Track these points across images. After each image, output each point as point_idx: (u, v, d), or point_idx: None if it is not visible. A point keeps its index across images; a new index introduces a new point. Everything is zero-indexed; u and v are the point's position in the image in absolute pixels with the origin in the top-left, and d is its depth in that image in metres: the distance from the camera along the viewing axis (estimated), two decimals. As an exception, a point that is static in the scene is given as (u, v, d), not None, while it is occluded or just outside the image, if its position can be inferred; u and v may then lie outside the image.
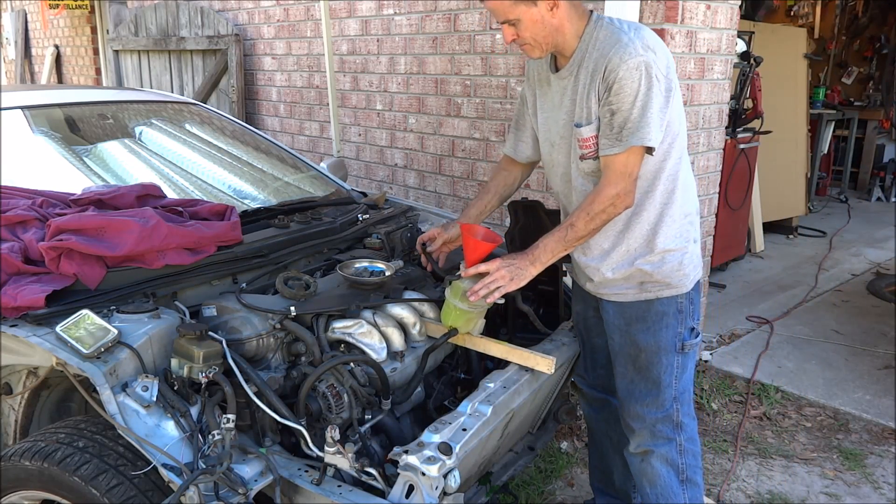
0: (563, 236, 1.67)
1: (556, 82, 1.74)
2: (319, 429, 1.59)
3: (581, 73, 1.65)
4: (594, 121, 1.63)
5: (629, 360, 1.81)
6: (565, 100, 1.71)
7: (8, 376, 1.72)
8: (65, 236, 1.65)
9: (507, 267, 1.66)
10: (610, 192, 1.61)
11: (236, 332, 1.65)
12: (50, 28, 7.51)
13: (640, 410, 1.83)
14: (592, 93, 1.62)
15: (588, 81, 1.63)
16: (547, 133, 1.80)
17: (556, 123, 1.75)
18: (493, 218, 3.39)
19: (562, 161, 1.77)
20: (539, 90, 1.83)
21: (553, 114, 1.77)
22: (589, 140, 1.65)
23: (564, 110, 1.72)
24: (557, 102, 1.74)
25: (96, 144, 2.51)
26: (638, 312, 1.76)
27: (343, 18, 4.01)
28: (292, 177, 2.81)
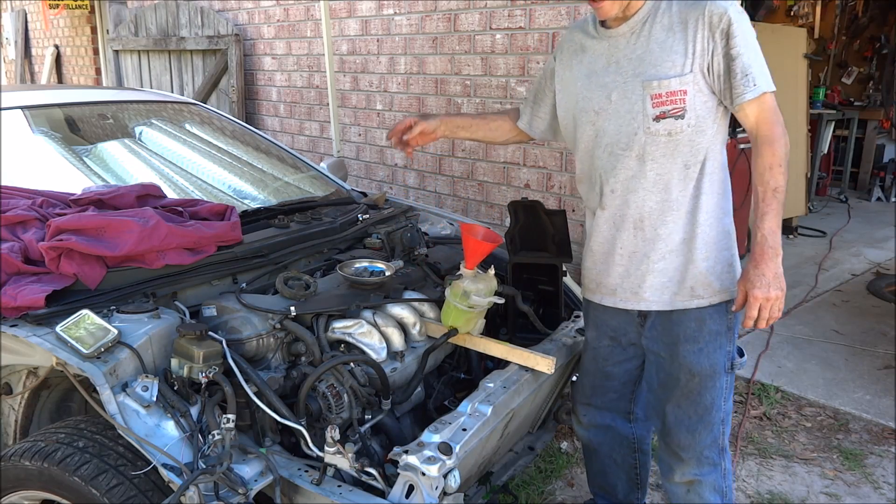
0: (776, 205, 1.49)
1: (604, 43, 1.61)
2: (319, 429, 1.59)
3: (655, 27, 1.54)
4: (687, 72, 1.50)
5: (677, 386, 1.67)
6: (625, 58, 1.57)
7: (8, 376, 1.72)
8: (65, 236, 1.65)
9: (760, 287, 1.50)
10: (779, 131, 1.49)
11: (236, 332, 1.65)
12: (50, 28, 7.51)
13: (689, 440, 1.71)
14: (681, 43, 1.50)
15: (673, 32, 1.51)
16: (585, 101, 1.64)
17: (604, 88, 1.60)
18: (493, 217, 3.39)
19: (611, 129, 1.59)
20: (574, 59, 1.69)
21: (599, 78, 1.62)
22: (676, 94, 1.50)
23: (622, 70, 1.57)
24: (604, 65, 1.61)
25: (96, 144, 2.51)
26: (689, 331, 1.62)
27: (343, 18, 4.01)
28: (292, 177, 2.81)
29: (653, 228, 1.60)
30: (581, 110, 1.66)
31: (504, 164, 3.29)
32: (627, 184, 1.60)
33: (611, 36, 1.60)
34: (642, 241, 1.62)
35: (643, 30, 1.56)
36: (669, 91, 1.51)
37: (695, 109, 1.51)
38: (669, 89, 1.51)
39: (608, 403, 1.92)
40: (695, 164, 1.57)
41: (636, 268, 1.64)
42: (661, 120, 1.52)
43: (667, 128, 1.53)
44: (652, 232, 1.61)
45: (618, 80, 1.58)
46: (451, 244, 2.36)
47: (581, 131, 1.68)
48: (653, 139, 1.55)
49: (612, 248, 1.67)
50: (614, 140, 1.60)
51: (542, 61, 3.04)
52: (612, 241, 1.67)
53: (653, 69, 1.53)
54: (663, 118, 1.52)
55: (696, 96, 1.51)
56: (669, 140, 1.54)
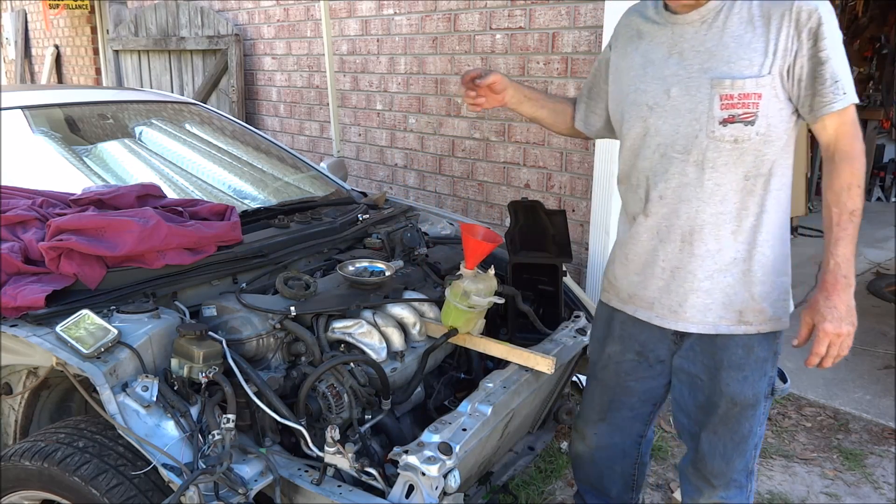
0: (853, 230, 1.35)
1: (667, 30, 1.44)
2: (319, 429, 1.59)
3: (732, 19, 1.36)
4: (765, 74, 1.32)
5: (716, 413, 1.54)
6: (692, 49, 1.40)
7: (8, 376, 1.72)
8: (65, 236, 1.65)
9: (831, 321, 1.37)
10: (859, 147, 1.35)
11: (236, 332, 1.65)
12: (50, 28, 7.51)
13: (723, 467, 1.60)
14: (761, 41, 1.33)
15: (752, 27, 1.34)
16: (638, 94, 1.47)
17: (662, 81, 1.43)
18: (493, 218, 3.40)
19: (666, 128, 1.43)
20: (630, 46, 1.52)
21: (656, 69, 1.44)
22: (749, 98, 1.33)
23: (686, 63, 1.40)
24: (664, 55, 1.43)
25: (96, 144, 2.51)
26: (734, 358, 1.48)
27: (343, 18, 4.01)
28: (292, 177, 2.81)
29: (702, 243, 1.44)
30: (631, 104, 1.49)
31: (504, 164, 3.29)
32: (680, 191, 1.43)
33: (676, 23, 1.42)
34: (689, 256, 1.46)
35: (717, 20, 1.38)
36: (743, 93, 1.34)
37: (767, 116, 1.35)
38: (743, 91, 1.34)
39: (622, 422, 1.76)
40: (758, 176, 1.40)
41: (679, 285, 1.48)
42: (729, 124, 1.35)
43: (733, 133, 1.36)
44: (701, 247, 1.44)
45: (680, 73, 1.41)
46: (451, 244, 2.36)
47: (628, 127, 1.51)
48: (715, 145, 1.38)
49: (652, 259, 1.51)
50: (669, 141, 1.43)
51: (542, 61, 3.05)
52: (653, 252, 1.51)
53: (725, 66, 1.35)
54: (731, 122, 1.35)
55: (771, 102, 1.34)
56: (734, 147, 1.37)
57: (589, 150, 2.91)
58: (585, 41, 2.87)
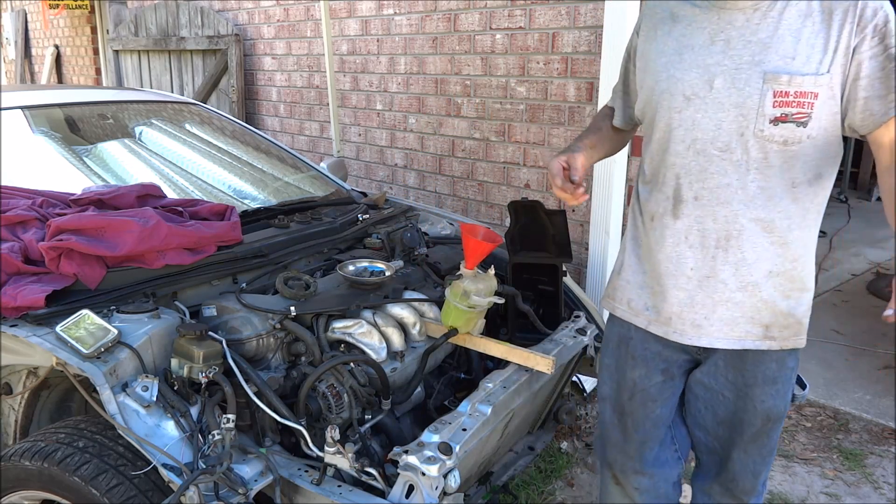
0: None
1: (711, 15, 1.30)
2: (319, 429, 1.59)
3: (790, 10, 1.24)
4: (824, 72, 1.20)
5: (748, 431, 1.45)
6: (740, 38, 1.27)
7: (8, 376, 1.72)
8: (65, 236, 1.65)
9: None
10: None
11: (236, 332, 1.65)
12: (50, 28, 7.51)
13: (752, 484, 1.52)
14: (822, 36, 1.21)
15: (812, 21, 1.22)
16: (671, 82, 1.33)
17: (703, 69, 1.29)
18: (493, 218, 3.40)
19: (707, 123, 1.29)
20: (660, 29, 1.38)
21: (696, 56, 1.30)
22: (806, 96, 1.21)
23: (734, 52, 1.27)
24: (706, 41, 1.30)
25: (96, 144, 2.51)
26: (769, 373, 1.39)
27: (343, 18, 4.01)
28: (292, 177, 2.81)
29: (739, 251, 1.32)
30: (663, 93, 1.35)
31: (504, 164, 3.29)
32: (719, 193, 1.31)
33: (724, 7, 1.29)
34: (723, 264, 1.33)
35: (773, 9, 1.25)
36: (800, 91, 1.22)
37: (820, 119, 1.24)
38: (800, 89, 1.22)
39: (661, 465, 1.59)
40: (804, 183, 1.29)
41: (707, 295, 1.35)
42: (780, 123, 1.23)
43: (784, 134, 1.24)
44: (737, 255, 1.32)
45: (726, 63, 1.27)
46: (451, 244, 2.36)
47: (659, 118, 1.36)
48: (762, 145, 1.26)
49: (678, 267, 1.37)
50: (710, 137, 1.29)
51: (542, 61, 3.05)
52: (679, 259, 1.37)
53: (781, 60, 1.23)
54: (783, 122, 1.23)
55: (827, 104, 1.23)
56: (783, 150, 1.25)
57: (589, 150, 2.91)
58: (585, 41, 2.87)
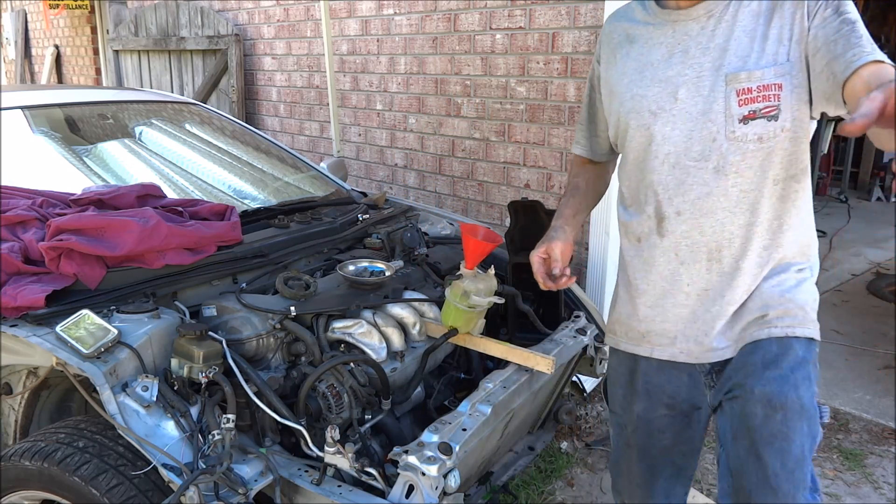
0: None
1: (665, 28, 1.30)
2: (319, 429, 1.59)
3: (743, 12, 1.23)
4: (783, 61, 1.18)
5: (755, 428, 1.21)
6: (698, 46, 1.25)
7: (8, 376, 1.72)
8: (65, 236, 1.65)
9: None
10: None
11: (236, 332, 1.65)
12: (50, 28, 7.51)
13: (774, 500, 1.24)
14: (776, 29, 1.20)
15: (765, 19, 1.21)
16: (636, 101, 1.31)
17: (665, 83, 1.28)
18: (493, 218, 3.39)
19: (677, 135, 1.26)
20: (618, 52, 1.37)
21: (657, 71, 1.29)
22: (770, 89, 1.19)
23: (693, 61, 1.26)
24: (664, 55, 1.29)
25: (96, 144, 2.51)
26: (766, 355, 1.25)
27: (343, 18, 4.01)
28: (292, 177, 2.81)
29: (733, 259, 1.27)
30: (630, 112, 1.32)
31: (504, 164, 3.29)
32: (701, 204, 1.27)
33: (677, 20, 1.28)
34: (718, 275, 1.28)
35: (726, 14, 1.24)
36: (763, 84, 1.19)
37: (790, 109, 1.20)
38: (763, 82, 1.19)
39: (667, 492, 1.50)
40: (787, 179, 1.26)
41: (706, 310, 1.30)
42: (750, 121, 1.21)
43: (757, 131, 1.21)
44: (732, 264, 1.28)
45: (687, 73, 1.26)
46: (451, 244, 2.36)
47: (630, 138, 1.34)
48: (737, 146, 1.22)
49: (673, 285, 1.32)
50: (682, 148, 1.26)
51: (542, 61, 3.05)
52: (674, 276, 1.32)
53: (739, 60, 1.21)
54: (752, 119, 1.21)
55: (793, 92, 1.19)
56: (759, 147, 1.22)
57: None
58: (585, 41, 2.87)
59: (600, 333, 2.18)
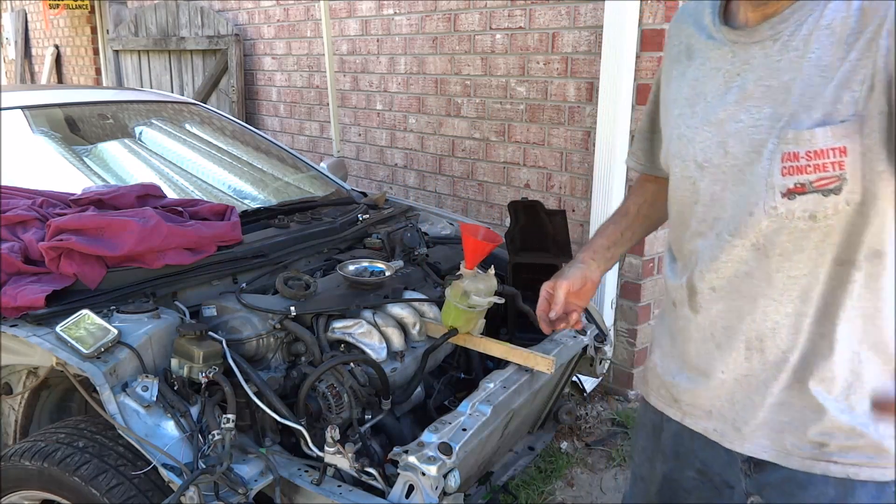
0: None
1: (725, 50, 0.99)
2: (319, 429, 1.59)
3: (818, 35, 0.88)
4: (850, 116, 0.86)
5: None
6: (758, 81, 0.94)
7: (8, 376, 1.72)
8: (65, 236, 1.65)
9: None
10: None
11: (236, 332, 1.65)
12: (50, 28, 7.51)
13: None
14: (848, 65, 0.86)
15: (844, 45, 0.86)
16: (683, 144, 1.04)
17: (717, 127, 0.99)
18: (493, 218, 3.40)
19: (728, 199, 0.98)
20: (676, 67, 1.09)
21: (710, 107, 1.00)
22: (825, 155, 0.87)
23: (750, 100, 0.95)
24: (721, 86, 0.99)
25: (96, 144, 2.51)
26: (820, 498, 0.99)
27: (343, 18, 4.01)
28: (292, 177, 2.81)
29: (779, 350, 0.99)
30: (675, 157, 1.06)
31: (504, 164, 3.29)
32: (738, 284, 1.00)
33: (738, 41, 0.97)
34: (760, 364, 1.01)
35: (796, 36, 0.91)
36: (813, 151, 0.87)
37: (860, 178, 0.87)
38: (813, 147, 0.87)
39: None
40: (858, 260, 0.92)
41: (746, 396, 1.04)
42: (798, 196, 0.89)
43: (807, 208, 0.89)
44: (777, 354, 1.00)
45: (742, 118, 0.95)
46: (451, 244, 2.36)
47: (674, 188, 1.09)
48: (781, 224, 0.92)
49: (709, 366, 1.08)
50: (726, 215, 0.98)
51: (542, 61, 3.04)
52: (708, 357, 1.07)
53: (796, 108, 0.90)
54: (800, 193, 0.89)
55: (865, 157, 0.86)
56: (812, 227, 0.91)
57: (589, 150, 2.91)
58: (585, 41, 2.87)
59: (600, 333, 2.18)
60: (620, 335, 2.93)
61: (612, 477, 2.48)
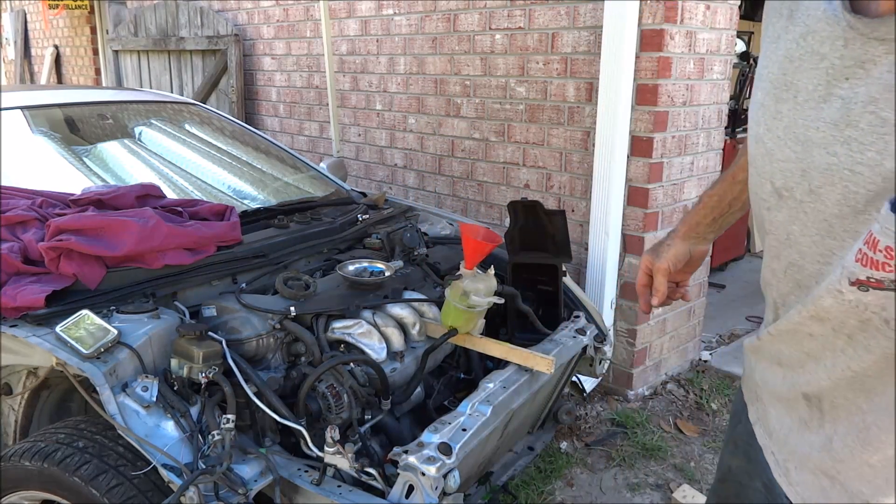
0: None
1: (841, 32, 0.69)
2: (319, 429, 1.59)
3: None
4: None
5: None
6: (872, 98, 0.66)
7: (8, 376, 1.72)
8: (64, 236, 1.65)
9: None
10: None
11: (236, 333, 1.65)
12: (49, 28, 7.51)
13: None
14: None
15: None
16: (764, 161, 0.81)
17: (806, 149, 0.74)
18: (493, 218, 3.40)
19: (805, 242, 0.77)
20: (774, 25, 0.81)
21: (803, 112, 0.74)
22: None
23: (859, 125, 0.68)
24: (823, 84, 0.71)
25: (96, 144, 2.51)
26: None
27: (342, 19, 4.01)
28: (292, 177, 2.81)
29: (835, 411, 0.81)
30: (752, 161, 0.85)
31: (504, 164, 3.29)
32: (803, 342, 0.81)
33: (858, 28, 0.67)
34: (819, 424, 0.84)
35: None
36: (892, 247, 0.62)
37: None
38: (892, 242, 0.62)
39: None
40: None
41: (797, 444, 0.88)
42: (872, 290, 0.66)
43: (878, 303, 0.67)
44: (838, 414, 0.81)
45: (837, 150, 0.70)
46: (450, 244, 2.36)
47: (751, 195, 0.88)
48: (852, 312, 0.70)
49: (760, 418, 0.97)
50: (803, 263, 0.78)
51: (541, 61, 3.05)
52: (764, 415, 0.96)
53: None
54: (875, 287, 0.66)
55: None
56: (886, 325, 0.68)
57: (588, 150, 2.91)
58: (585, 41, 2.87)
59: (600, 333, 2.18)
60: (620, 335, 2.93)
61: (611, 477, 2.48)
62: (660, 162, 2.77)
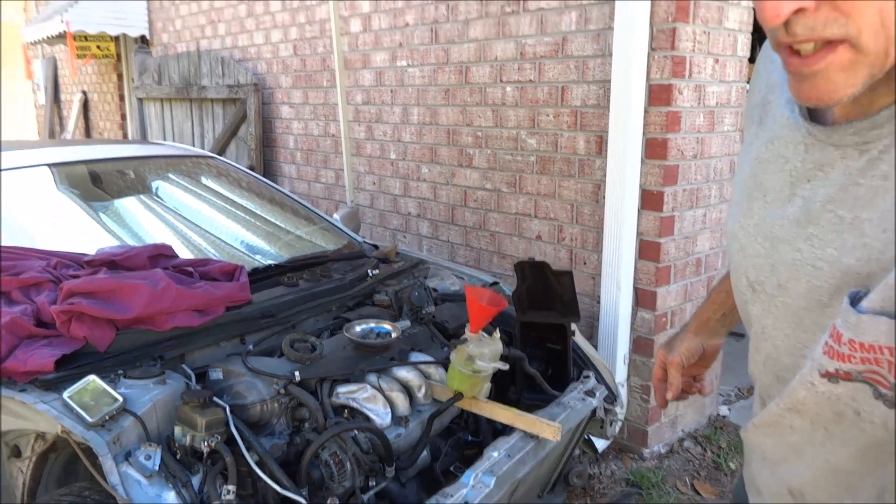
0: None
1: (800, 137, 0.74)
2: (322, 497, 1.58)
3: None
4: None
5: None
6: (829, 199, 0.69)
7: (17, 439, 1.73)
8: (76, 299, 1.68)
9: None
10: None
11: (241, 397, 1.66)
12: (78, 75, 7.77)
13: None
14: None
15: None
16: (740, 256, 0.83)
17: (772, 244, 0.77)
18: (505, 269, 3.39)
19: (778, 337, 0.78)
20: (750, 129, 0.86)
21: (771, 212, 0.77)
22: (874, 351, 0.61)
23: (819, 224, 0.70)
24: (787, 185, 0.75)
25: (113, 201, 2.58)
26: None
27: (358, 69, 4.10)
28: (305, 229, 2.85)
29: None
30: (730, 255, 0.88)
31: (516, 214, 3.30)
32: (785, 435, 0.79)
33: (814, 134, 0.71)
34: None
35: (888, 155, 0.64)
36: (858, 342, 0.62)
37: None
38: (859, 336, 0.62)
39: None
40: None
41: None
42: (841, 381, 0.66)
43: (851, 395, 0.66)
44: None
45: (801, 246, 0.72)
46: (459, 301, 2.36)
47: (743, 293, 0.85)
48: (822, 401, 0.70)
49: None
50: (777, 356, 0.79)
51: (551, 114, 3.08)
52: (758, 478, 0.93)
53: (865, 276, 0.65)
54: (845, 379, 0.65)
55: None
56: (858, 422, 0.67)
57: (599, 202, 2.91)
58: (594, 95, 2.90)
59: (611, 394, 2.15)
60: (634, 391, 2.88)
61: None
62: (671, 216, 2.76)
